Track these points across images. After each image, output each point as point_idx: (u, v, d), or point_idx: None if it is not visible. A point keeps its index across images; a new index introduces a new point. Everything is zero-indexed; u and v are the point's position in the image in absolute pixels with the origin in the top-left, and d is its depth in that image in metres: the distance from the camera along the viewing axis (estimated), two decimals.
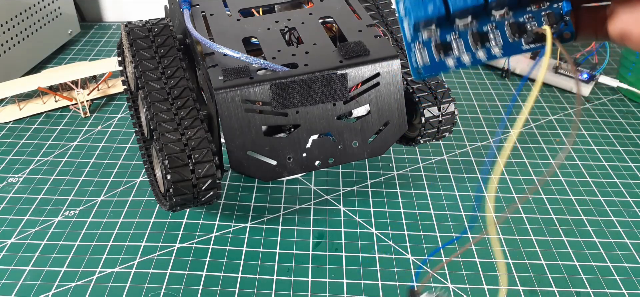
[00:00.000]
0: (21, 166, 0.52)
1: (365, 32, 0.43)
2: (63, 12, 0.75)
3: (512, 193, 0.49)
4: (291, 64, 0.39)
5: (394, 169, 0.52)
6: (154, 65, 0.41)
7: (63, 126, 0.59)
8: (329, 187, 0.50)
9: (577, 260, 0.43)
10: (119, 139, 0.57)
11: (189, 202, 0.38)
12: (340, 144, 0.41)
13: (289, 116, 0.39)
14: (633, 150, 0.56)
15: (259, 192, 0.49)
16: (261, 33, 0.43)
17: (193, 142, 0.37)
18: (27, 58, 0.68)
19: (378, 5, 0.51)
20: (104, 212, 0.47)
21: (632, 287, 0.41)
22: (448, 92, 0.44)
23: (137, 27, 0.43)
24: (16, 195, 0.49)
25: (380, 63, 0.40)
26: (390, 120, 0.41)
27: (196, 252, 0.43)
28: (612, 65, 0.74)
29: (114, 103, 0.63)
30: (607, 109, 0.63)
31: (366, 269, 0.42)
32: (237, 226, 0.45)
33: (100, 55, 0.74)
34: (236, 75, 0.38)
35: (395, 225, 0.46)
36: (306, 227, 0.45)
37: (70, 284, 0.40)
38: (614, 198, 0.49)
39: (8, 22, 0.64)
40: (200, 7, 0.46)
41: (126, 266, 0.41)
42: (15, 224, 0.45)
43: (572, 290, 0.40)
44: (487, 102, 0.64)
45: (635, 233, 0.45)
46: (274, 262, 0.42)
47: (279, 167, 0.40)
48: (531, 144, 0.57)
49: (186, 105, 0.39)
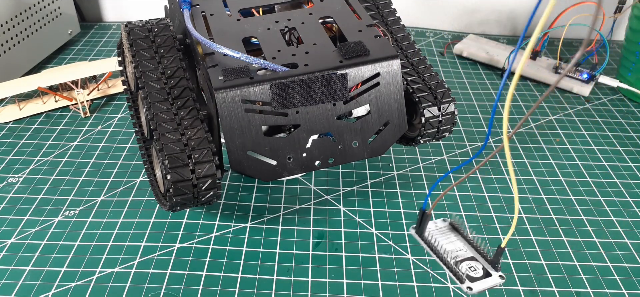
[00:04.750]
0: (21, 166, 0.52)
1: (365, 32, 0.43)
2: (63, 12, 0.75)
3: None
4: (291, 64, 0.39)
5: (394, 169, 0.52)
6: (154, 65, 0.41)
7: (63, 126, 0.59)
8: (329, 187, 0.50)
9: (577, 260, 0.43)
10: (119, 139, 0.57)
11: (189, 202, 0.38)
12: (340, 144, 0.41)
13: (289, 116, 0.39)
14: (633, 150, 0.56)
15: (259, 192, 0.49)
16: (261, 33, 0.43)
17: (193, 142, 0.37)
18: (27, 58, 0.68)
19: (378, 5, 0.52)
20: (104, 212, 0.47)
21: (632, 287, 0.41)
22: (448, 92, 0.44)
23: (137, 27, 0.43)
24: (16, 195, 0.48)
25: (380, 63, 0.40)
26: (390, 120, 0.41)
27: (196, 252, 0.43)
28: (612, 65, 0.74)
29: (114, 103, 0.63)
30: (607, 109, 0.63)
31: (366, 269, 0.42)
32: (237, 226, 0.45)
33: (100, 55, 0.74)
34: (236, 75, 0.38)
35: (395, 225, 0.46)
36: (306, 227, 0.45)
37: (70, 284, 0.40)
38: (614, 198, 0.49)
39: (8, 22, 0.64)
40: (200, 7, 0.46)
41: (126, 266, 0.41)
42: (15, 224, 0.45)
43: (572, 290, 0.40)
44: (487, 102, 0.64)
45: (635, 233, 0.45)
46: (274, 262, 0.42)
47: (279, 167, 0.40)
48: (531, 144, 0.57)
49: (186, 105, 0.39)
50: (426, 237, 0.37)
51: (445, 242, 0.37)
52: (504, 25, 0.83)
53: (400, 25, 0.50)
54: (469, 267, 0.35)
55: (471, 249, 0.36)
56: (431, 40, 0.80)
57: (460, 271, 0.35)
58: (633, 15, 0.62)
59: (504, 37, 0.82)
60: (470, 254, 0.36)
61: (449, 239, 0.38)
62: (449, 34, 0.82)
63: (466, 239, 0.37)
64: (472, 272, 0.35)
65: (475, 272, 0.35)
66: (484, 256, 0.35)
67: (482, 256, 0.35)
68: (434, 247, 0.36)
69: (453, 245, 0.37)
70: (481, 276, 0.34)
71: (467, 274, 0.35)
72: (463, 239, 0.37)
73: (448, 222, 0.38)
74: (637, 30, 0.62)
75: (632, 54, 0.63)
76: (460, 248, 0.37)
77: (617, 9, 0.70)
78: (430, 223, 0.37)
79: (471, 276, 0.35)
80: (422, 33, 0.83)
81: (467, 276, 0.35)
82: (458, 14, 0.83)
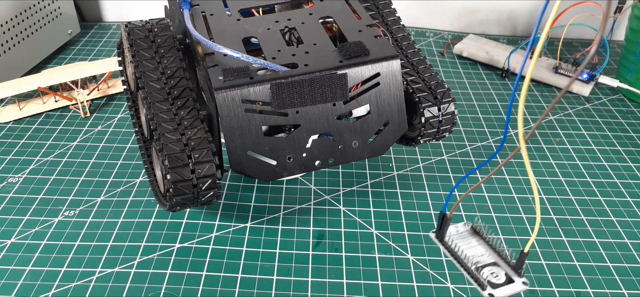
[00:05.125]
0: (21, 166, 0.52)
1: (365, 32, 0.43)
2: (63, 12, 0.75)
3: (512, 193, 0.49)
4: (291, 64, 0.39)
5: (394, 169, 0.52)
6: (154, 65, 0.41)
7: (63, 126, 0.59)
8: (329, 187, 0.50)
9: (577, 260, 0.43)
10: (119, 139, 0.57)
11: (189, 202, 0.38)
12: (340, 144, 0.41)
13: (289, 116, 0.39)
14: (633, 150, 0.56)
15: (259, 192, 0.49)
16: (261, 33, 0.43)
17: (193, 142, 0.37)
18: (27, 58, 0.68)
19: (378, 5, 0.51)
20: (104, 212, 0.47)
21: (632, 287, 0.41)
22: (448, 92, 0.44)
23: (137, 27, 0.43)
24: (16, 195, 0.48)
25: (380, 63, 0.40)
26: (390, 120, 0.41)
27: (196, 252, 0.43)
28: (612, 65, 0.74)
29: (114, 103, 0.63)
30: (607, 109, 0.63)
31: (366, 269, 0.42)
32: (237, 226, 0.45)
33: (100, 55, 0.74)
34: (236, 75, 0.38)
35: (395, 225, 0.46)
36: (306, 227, 0.45)
37: (70, 284, 0.40)
38: (614, 198, 0.49)
39: (8, 22, 0.64)
40: (200, 7, 0.46)
41: (126, 266, 0.41)
42: (15, 224, 0.45)
43: (572, 290, 0.40)
44: (487, 102, 0.64)
45: (635, 233, 0.45)
46: (274, 262, 0.42)
47: (279, 167, 0.40)
48: (531, 144, 0.57)
49: (186, 106, 0.39)
50: (446, 242, 0.36)
51: (466, 247, 0.37)
52: (504, 25, 0.83)
53: (400, 25, 0.50)
54: (491, 273, 0.35)
55: (493, 254, 0.35)
56: (431, 40, 0.80)
57: (481, 277, 0.34)
58: (633, 15, 0.62)
59: (504, 37, 0.82)
60: (492, 260, 0.35)
61: (469, 244, 0.37)
62: (449, 34, 0.82)
63: (488, 243, 0.36)
64: (494, 278, 0.34)
65: (498, 279, 0.34)
66: (506, 261, 0.35)
67: (504, 261, 0.35)
68: (454, 252, 0.36)
69: (474, 250, 0.37)
70: (503, 282, 0.34)
71: (489, 281, 0.34)
72: (485, 243, 0.36)
73: (469, 226, 0.37)
74: (637, 30, 0.62)
75: (632, 54, 0.63)
76: (482, 253, 0.36)
77: (617, 9, 0.70)
78: (450, 227, 0.36)
79: (493, 282, 0.34)
80: (422, 33, 0.83)
81: (489, 282, 0.34)
82: (458, 14, 0.83)
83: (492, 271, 0.34)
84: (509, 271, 0.34)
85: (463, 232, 0.37)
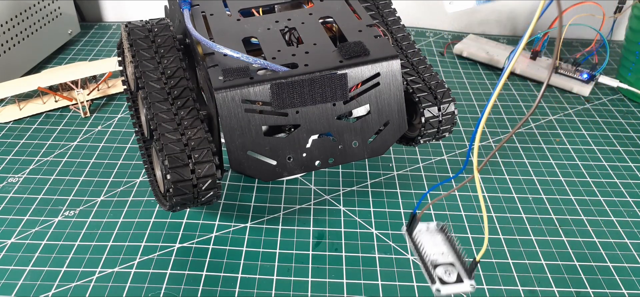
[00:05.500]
0: (21, 166, 0.52)
1: (365, 32, 0.43)
2: (63, 12, 0.75)
3: (512, 193, 0.49)
4: (291, 64, 0.39)
5: (394, 169, 0.52)
6: (154, 65, 0.41)
7: (63, 126, 0.59)
8: (329, 187, 0.50)
9: (577, 260, 0.43)
10: (119, 139, 0.57)
11: (189, 202, 0.38)
12: (340, 144, 0.41)
13: (289, 116, 0.39)
14: (633, 150, 0.56)
15: (259, 192, 0.49)
16: (261, 33, 0.43)
17: (193, 142, 0.37)
18: (27, 58, 0.68)
19: (378, 5, 0.51)
20: (104, 212, 0.47)
21: (632, 287, 0.41)
22: (448, 92, 0.44)
23: (137, 27, 0.43)
24: (16, 195, 0.48)
25: (380, 63, 0.40)
26: (390, 120, 0.41)
27: (196, 252, 0.43)
28: (612, 65, 0.74)
29: (114, 103, 0.63)
30: (607, 109, 0.63)
31: (366, 269, 0.42)
32: (237, 226, 0.45)
33: (100, 55, 0.74)
34: (236, 75, 0.38)
35: (395, 225, 0.46)
36: (306, 227, 0.45)
37: (70, 284, 0.40)
38: (614, 198, 0.49)
39: (8, 22, 0.64)
40: (200, 7, 0.46)
41: (126, 266, 0.41)
42: (15, 224, 0.45)
43: (572, 290, 0.40)
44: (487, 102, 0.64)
45: (635, 233, 0.45)
46: (274, 262, 0.42)
47: (279, 167, 0.40)
48: (531, 144, 0.57)
49: (186, 106, 0.39)
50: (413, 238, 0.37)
51: (430, 244, 0.38)
52: (504, 25, 0.83)
53: (400, 25, 0.50)
54: (445, 271, 0.36)
55: (453, 256, 0.36)
56: (431, 40, 0.80)
57: (434, 272, 0.35)
58: (633, 15, 0.62)
59: (504, 37, 0.82)
60: (450, 260, 0.36)
61: (434, 242, 0.38)
62: (449, 34, 0.82)
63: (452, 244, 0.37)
64: (446, 276, 0.36)
65: (449, 277, 0.35)
66: (462, 264, 0.36)
67: (461, 263, 0.36)
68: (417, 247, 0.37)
69: (436, 248, 0.38)
70: (453, 281, 0.35)
71: (440, 277, 0.35)
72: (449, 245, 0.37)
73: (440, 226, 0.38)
74: (637, 30, 0.62)
75: (632, 54, 0.63)
76: (443, 252, 0.37)
77: (617, 9, 0.70)
78: (421, 225, 0.37)
79: (443, 279, 0.35)
80: (422, 33, 0.83)
81: (439, 279, 0.35)
82: (458, 14, 0.83)
83: (446, 269, 0.36)
84: (462, 273, 0.35)
85: (432, 231, 0.38)
